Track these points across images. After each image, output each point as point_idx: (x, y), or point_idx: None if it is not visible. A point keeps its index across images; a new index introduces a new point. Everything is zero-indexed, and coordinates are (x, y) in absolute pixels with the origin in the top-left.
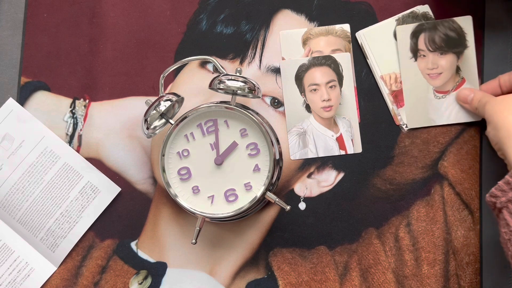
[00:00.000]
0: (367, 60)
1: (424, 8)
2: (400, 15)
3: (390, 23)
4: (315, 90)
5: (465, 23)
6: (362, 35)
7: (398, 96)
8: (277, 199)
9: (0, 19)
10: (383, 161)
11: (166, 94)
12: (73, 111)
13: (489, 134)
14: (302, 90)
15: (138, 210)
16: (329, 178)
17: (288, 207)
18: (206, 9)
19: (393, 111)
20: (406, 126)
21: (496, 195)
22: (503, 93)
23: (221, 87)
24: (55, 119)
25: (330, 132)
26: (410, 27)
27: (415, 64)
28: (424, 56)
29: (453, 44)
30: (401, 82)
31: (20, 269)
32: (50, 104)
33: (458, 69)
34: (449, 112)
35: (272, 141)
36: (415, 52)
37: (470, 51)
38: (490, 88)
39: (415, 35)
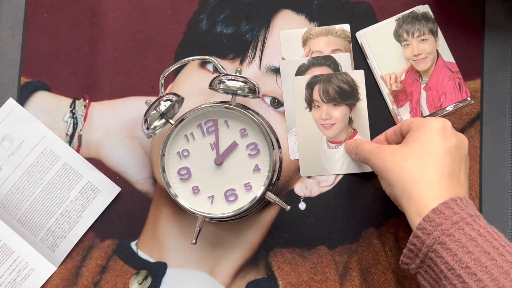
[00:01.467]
0: (367, 60)
1: (424, 8)
2: (400, 15)
3: (390, 23)
4: (318, 106)
5: (358, 76)
6: (362, 35)
7: (398, 96)
8: (277, 199)
9: (0, 19)
10: None
11: (166, 94)
12: (73, 111)
13: (385, 190)
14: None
15: (138, 210)
16: (329, 178)
17: (288, 207)
18: (206, 9)
19: (393, 111)
20: None
21: (406, 263)
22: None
23: (221, 87)
24: (55, 119)
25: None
26: (306, 78)
27: (309, 114)
28: (318, 106)
29: (346, 97)
30: (401, 82)
31: (20, 269)
32: (50, 104)
33: (350, 121)
34: (341, 162)
35: (272, 141)
36: (310, 102)
37: (362, 104)
38: (378, 143)
39: (310, 86)
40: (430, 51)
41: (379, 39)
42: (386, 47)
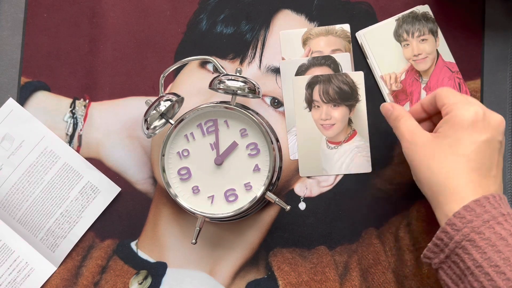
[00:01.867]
0: (367, 60)
1: (424, 8)
2: (400, 15)
3: (390, 23)
4: (318, 106)
5: (358, 77)
6: (362, 35)
7: (398, 96)
8: (277, 199)
9: (0, 19)
10: (383, 161)
11: (166, 94)
12: (73, 111)
13: (414, 177)
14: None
15: (138, 210)
16: (329, 178)
17: (288, 207)
18: (206, 9)
19: None
20: None
21: (429, 257)
22: (428, 116)
23: (221, 87)
24: (55, 119)
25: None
26: (306, 78)
27: (309, 114)
28: (318, 107)
29: (345, 97)
30: (401, 82)
31: (20, 269)
32: (50, 104)
33: (350, 121)
34: (340, 163)
35: (272, 141)
36: (309, 102)
37: (362, 105)
38: (415, 113)
39: (310, 86)
40: (430, 51)
41: (379, 39)
42: (386, 47)
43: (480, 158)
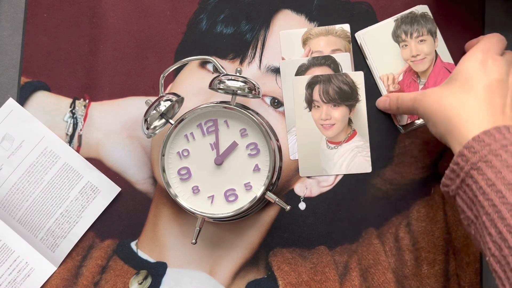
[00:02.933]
0: (366, 61)
1: (423, 9)
2: (399, 15)
3: (388, 23)
4: (318, 106)
5: (358, 77)
6: (361, 36)
7: None
8: (277, 199)
9: (0, 19)
10: (383, 161)
11: (166, 94)
12: (73, 111)
13: (431, 131)
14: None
15: (138, 210)
16: (329, 178)
17: (288, 207)
18: (206, 9)
19: None
20: (401, 129)
21: (446, 184)
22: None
23: (221, 87)
24: (55, 119)
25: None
26: (306, 78)
27: (309, 114)
28: (318, 107)
29: (345, 97)
30: (398, 83)
31: (20, 269)
32: (50, 104)
33: (350, 121)
34: (340, 163)
35: (272, 141)
36: (309, 102)
37: (362, 105)
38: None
39: (310, 86)
40: (428, 52)
41: (378, 39)
42: (385, 48)
43: (490, 95)
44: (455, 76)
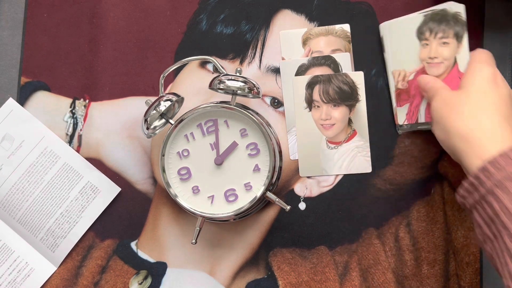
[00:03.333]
0: (384, 54)
1: (458, 8)
2: (429, 10)
3: (416, 18)
4: (318, 106)
5: (358, 77)
6: (386, 27)
7: (401, 95)
8: (277, 199)
9: (0, 19)
10: (383, 161)
11: (166, 94)
12: (73, 111)
13: (434, 132)
14: (309, 104)
15: (138, 210)
16: (329, 178)
17: (288, 207)
18: (206, 9)
19: (395, 109)
20: (400, 129)
21: (463, 195)
22: None
23: (221, 87)
24: (55, 119)
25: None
26: (306, 78)
27: (309, 114)
28: (318, 107)
29: (345, 97)
30: (408, 82)
31: (20, 269)
32: (50, 104)
33: (350, 121)
34: (340, 163)
35: (272, 141)
36: (309, 102)
37: (362, 105)
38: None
39: (310, 86)
40: (447, 57)
41: (401, 33)
42: (405, 43)
43: (504, 107)
44: (468, 81)
